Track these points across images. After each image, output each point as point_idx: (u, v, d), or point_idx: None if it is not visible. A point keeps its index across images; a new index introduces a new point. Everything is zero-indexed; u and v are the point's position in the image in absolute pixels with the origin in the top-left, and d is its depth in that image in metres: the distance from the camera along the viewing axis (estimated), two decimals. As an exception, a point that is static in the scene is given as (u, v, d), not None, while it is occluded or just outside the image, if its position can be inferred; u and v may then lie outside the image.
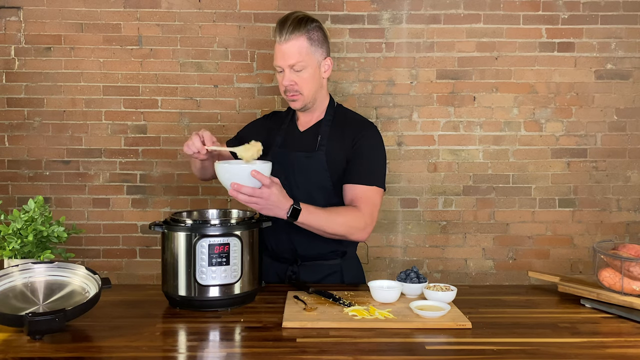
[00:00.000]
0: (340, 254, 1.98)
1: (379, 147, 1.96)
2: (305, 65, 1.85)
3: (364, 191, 1.88)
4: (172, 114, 3.12)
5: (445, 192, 3.17)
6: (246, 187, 1.59)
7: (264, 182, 1.61)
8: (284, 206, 1.68)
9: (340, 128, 1.96)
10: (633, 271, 1.58)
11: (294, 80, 1.87)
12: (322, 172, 1.90)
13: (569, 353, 1.29)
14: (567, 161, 3.16)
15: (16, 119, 3.09)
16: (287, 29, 1.82)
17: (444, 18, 3.11)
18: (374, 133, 1.97)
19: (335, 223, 1.80)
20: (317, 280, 1.93)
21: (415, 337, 1.38)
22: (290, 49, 1.83)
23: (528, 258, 3.19)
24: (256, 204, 1.63)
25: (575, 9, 3.10)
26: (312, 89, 1.90)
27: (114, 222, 3.14)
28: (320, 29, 1.91)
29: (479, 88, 3.14)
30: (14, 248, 1.60)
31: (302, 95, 1.90)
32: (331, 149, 1.92)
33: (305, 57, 1.85)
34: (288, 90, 1.89)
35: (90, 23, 3.07)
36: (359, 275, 2.05)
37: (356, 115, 2.05)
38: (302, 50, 1.84)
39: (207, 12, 3.09)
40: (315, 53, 1.88)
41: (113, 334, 1.39)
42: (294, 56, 1.84)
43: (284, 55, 1.84)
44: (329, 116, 1.98)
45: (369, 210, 1.86)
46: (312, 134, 1.97)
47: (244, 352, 1.32)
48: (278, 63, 1.87)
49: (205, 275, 1.56)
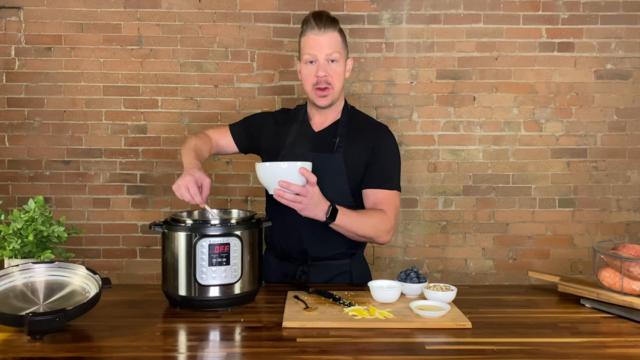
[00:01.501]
0: (350, 255, 1.98)
1: (396, 150, 1.98)
2: (339, 57, 1.89)
3: (387, 195, 1.89)
4: (172, 114, 3.12)
5: (445, 192, 3.17)
6: (295, 185, 1.59)
7: (310, 180, 1.60)
8: (324, 206, 1.68)
9: (357, 131, 1.95)
10: (633, 271, 1.58)
11: (327, 72, 1.87)
12: (339, 175, 1.89)
13: (569, 353, 1.29)
14: (567, 161, 3.16)
15: (16, 119, 3.10)
16: (325, 22, 1.86)
17: (444, 18, 3.11)
18: (391, 137, 1.99)
19: (366, 225, 1.81)
20: (327, 280, 1.93)
21: (415, 337, 1.38)
22: (329, 40, 1.86)
23: (528, 258, 3.19)
24: (300, 203, 1.62)
25: (575, 9, 3.11)
26: (340, 84, 1.93)
27: (114, 222, 3.14)
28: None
29: (479, 88, 3.14)
30: (14, 248, 1.61)
31: (332, 90, 1.90)
32: (350, 152, 1.91)
33: (340, 49, 1.89)
34: (320, 82, 1.88)
35: (90, 23, 3.07)
36: (366, 275, 2.05)
37: (370, 118, 2.06)
38: (338, 42, 1.89)
39: (207, 12, 3.09)
40: (344, 50, 1.94)
41: (113, 334, 1.39)
42: (332, 46, 1.87)
43: (321, 46, 1.86)
44: (345, 117, 1.97)
45: (394, 213, 1.88)
46: (329, 135, 1.95)
47: (244, 352, 1.32)
48: (314, 52, 1.87)
49: (205, 275, 1.56)
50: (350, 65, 1.97)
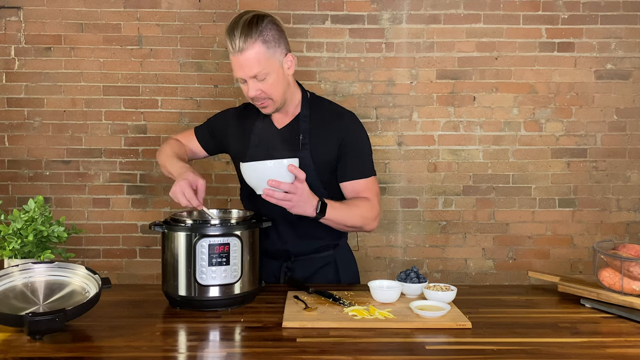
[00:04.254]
0: (333, 246, 1.97)
1: (365, 137, 1.92)
2: (267, 71, 1.71)
3: (366, 183, 1.87)
4: (172, 114, 3.12)
5: (445, 192, 3.17)
6: (285, 183, 1.57)
7: (299, 177, 1.58)
8: (313, 202, 1.66)
9: (321, 124, 1.88)
10: (633, 271, 1.58)
11: (260, 89, 1.73)
12: (308, 171, 1.77)
13: (569, 353, 1.29)
14: (567, 161, 3.16)
15: (16, 119, 3.09)
16: (240, 38, 1.66)
17: (444, 18, 3.11)
18: (357, 124, 1.91)
19: (354, 215, 1.79)
20: (313, 272, 1.93)
21: (415, 337, 1.38)
22: (248, 60, 1.68)
23: (528, 258, 3.19)
24: (290, 201, 1.60)
25: (575, 9, 3.10)
26: (281, 91, 1.78)
27: (114, 222, 3.14)
28: (274, 23, 1.74)
29: (478, 88, 3.14)
30: (14, 248, 1.60)
31: (273, 100, 1.79)
32: (316, 148, 1.85)
33: (265, 64, 1.69)
34: (257, 98, 1.77)
35: (90, 23, 3.07)
36: (352, 264, 2.05)
37: (333, 105, 1.94)
38: (260, 57, 1.68)
39: (207, 12, 3.09)
40: (275, 55, 1.73)
41: (113, 334, 1.39)
42: (254, 66, 1.68)
43: (242, 68, 1.70)
44: (305, 110, 1.88)
45: (377, 199, 1.87)
46: (292, 132, 1.88)
47: (244, 352, 1.32)
48: (238, 75, 1.73)
49: (205, 275, 1.56)
50: (291, 62, 1.78)
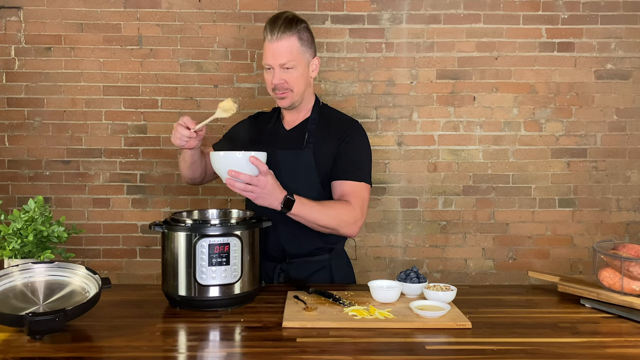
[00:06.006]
0: (328, 250, 1.99)
1: (364, 143, 1.99)
2: (295, 64, 1.88)
3: (353, 186, 1.90)
4: (172, 114, 3.12)
5: (445, 192, 3.17)
6: (244, 174, 1.61)
7: (261, 169, 1.62)
8: (279, 196, 1.70)
9: (326, 126, 1.98)
10: (633, 271, 1.58)
11: (283, 79, 1.89)
12: (309, 170, 1.92)
13: (569, 353, 1.29)
14: (567, 161, 3.16)
15: (16, 119, 3.09)
16: (279, 28, 1.84)
17: (444, 18, 3.11)
18: (358, 130, 1.99)
19: (327, 216, 1.81)
20: (306, 276, 1.94)
21: (415, 337, 1.38)
22: (282, 48, 1.85)
23: (528, 258, 3.19)
24: (252, 193, 1.65)
25: (575, 9, 3.11)
26: (302, 87, 1.93)
27: (114, 222, 3.14)
28: (308, 29, 1.94)
29: (478, 88, 3.14)
30: (14, 248, 1.60)
31: (292, 93, 1.92)
32: (319, 147, 1.93)
33: (296, 56, 1.88)
34: (277, 88, 1.90)
35: (90, 23, 3.07)
36: (348, 271, 2.06)
37: (341, 114, 2.08)
38: (294, 49, 1.87)
39: (207, 12, 3.09)
40: (305, 53, 1.91)
41: (113, 334, 1.39)
42: (286, 55, 1.86)
43: (274, 54, 1.86)
44: (315, 115, 2.00)
45: (359, 204, 1.88)
46: (299, 132, 1.98)
47: (244, 352, 1.32)
48: (268, 62, 1.89)
49: (205, 275, 1.56)
50: (316, 65, 1.97)
